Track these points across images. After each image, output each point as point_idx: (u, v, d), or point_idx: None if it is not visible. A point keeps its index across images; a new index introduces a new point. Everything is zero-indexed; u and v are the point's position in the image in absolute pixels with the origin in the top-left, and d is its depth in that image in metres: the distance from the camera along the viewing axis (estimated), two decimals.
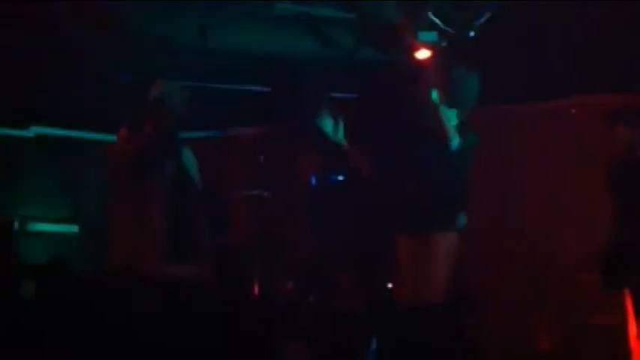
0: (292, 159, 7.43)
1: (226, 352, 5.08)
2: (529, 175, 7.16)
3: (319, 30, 6.52)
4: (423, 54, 6.36)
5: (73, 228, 8.80)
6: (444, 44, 6.42)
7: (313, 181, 7.55)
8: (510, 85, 6.64)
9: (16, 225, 8.19)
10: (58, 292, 6.32)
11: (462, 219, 4.95)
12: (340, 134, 5.05)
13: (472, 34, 6.40)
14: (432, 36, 6.40)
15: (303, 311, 5.63)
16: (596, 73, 6.33)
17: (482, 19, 6.24)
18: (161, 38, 6.52)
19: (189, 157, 4.85)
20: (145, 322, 4.47)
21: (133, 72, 7.03)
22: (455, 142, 4.85)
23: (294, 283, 5.89)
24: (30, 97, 7.57)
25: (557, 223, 6.90)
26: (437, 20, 6.35)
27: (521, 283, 6.88)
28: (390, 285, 5.53)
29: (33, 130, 8.80)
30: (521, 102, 7.11)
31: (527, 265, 6.91)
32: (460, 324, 5.28)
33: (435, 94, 4.99)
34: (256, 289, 5.25)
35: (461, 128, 4.94)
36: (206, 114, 6.45)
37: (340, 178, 7.48)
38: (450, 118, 4.95)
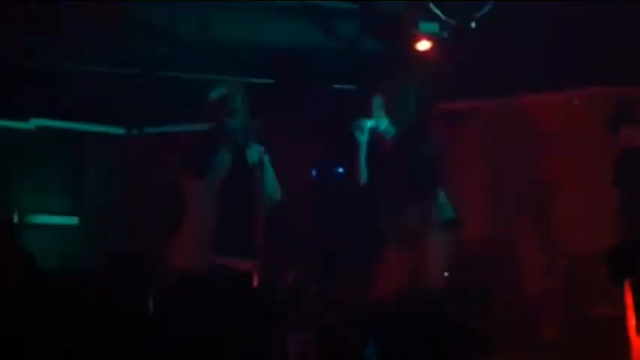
0: (295, 151, 7.42)
1: (229, 344, 5.08)
2: (536, 165, 7.15)
3: (322, 21, 6.52)
4: (424, 45, 6.36)
5: (74, 221, 8.76)
6: (445, 35, 6.42)
7: (315, 172, 7.54)
8: (515, 76, 6.64)
9: (16, 218, 8.15)
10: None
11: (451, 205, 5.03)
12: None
13: (473, 25, 6.39)
14: (434, 27, 6.40)
15: (307, 302, 5.64)
16: (606, 64, 6.32)
17: (485, 10, 6.23)
18: (162, 30, 6.51)
19: (256, 156, 5.09)
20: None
21: (135, 65, 7.02)
22: None
23: (298, 274, 5.90)
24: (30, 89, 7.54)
25: (566, 214, 6.90)
26: (438, 11, 6.34)
27: (528, 272, 6.90)
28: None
29: (33, 123, 8.76)
30: (526, 93, 7.09)
31: (535, 254, 6.93)
32: (464, 313, 5.30)
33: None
34: (260, 281, 5.25)
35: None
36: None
37: (341, 169, 7.47)
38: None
